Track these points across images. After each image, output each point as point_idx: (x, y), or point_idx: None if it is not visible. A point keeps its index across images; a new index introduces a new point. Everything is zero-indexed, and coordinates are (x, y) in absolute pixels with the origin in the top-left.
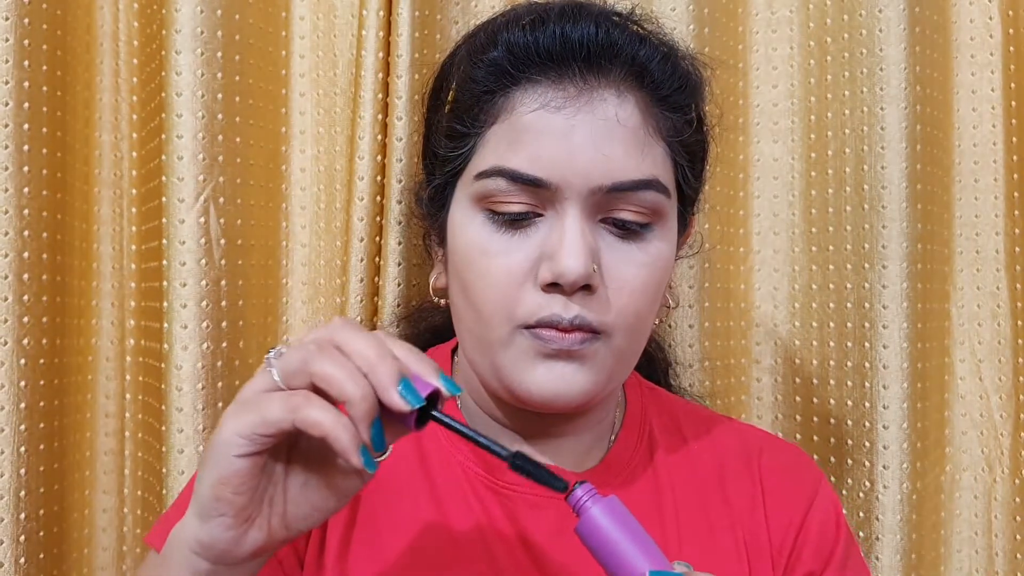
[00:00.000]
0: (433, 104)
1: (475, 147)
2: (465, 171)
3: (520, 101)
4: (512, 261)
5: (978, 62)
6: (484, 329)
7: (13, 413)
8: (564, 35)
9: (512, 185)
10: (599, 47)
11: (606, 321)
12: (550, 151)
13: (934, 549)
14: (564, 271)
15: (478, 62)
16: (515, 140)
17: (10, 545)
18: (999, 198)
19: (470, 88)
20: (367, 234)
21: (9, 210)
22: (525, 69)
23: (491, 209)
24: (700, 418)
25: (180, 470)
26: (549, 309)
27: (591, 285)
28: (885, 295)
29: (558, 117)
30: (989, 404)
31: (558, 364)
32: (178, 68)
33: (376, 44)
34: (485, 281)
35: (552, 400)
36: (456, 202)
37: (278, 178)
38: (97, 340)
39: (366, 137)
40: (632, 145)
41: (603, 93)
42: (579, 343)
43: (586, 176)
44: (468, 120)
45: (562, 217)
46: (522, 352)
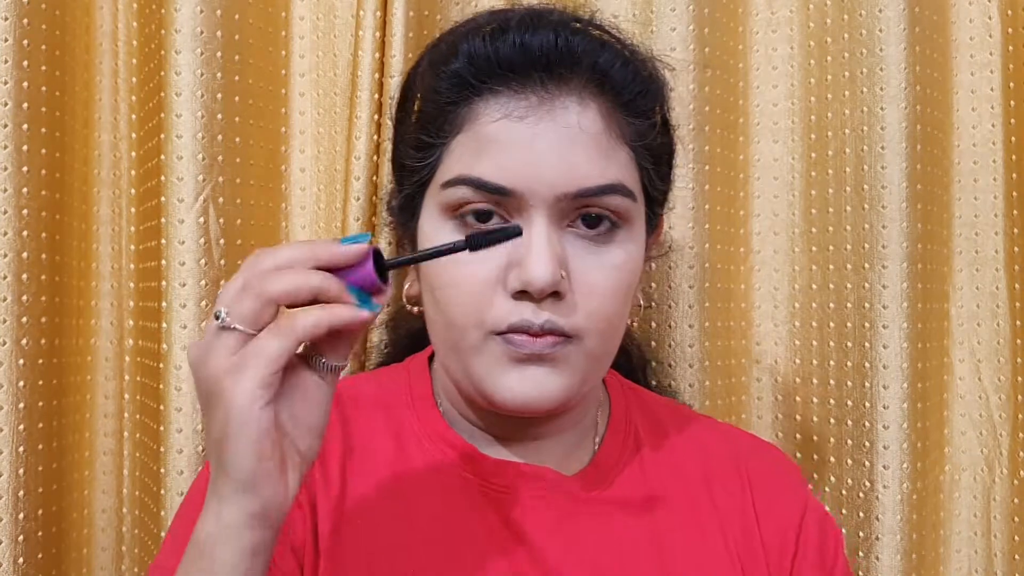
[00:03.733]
0: (400, 115)
1: (441, 157)
2: (432, 181)
3: (483, 111)
4: (481, 269)
5: (977, 62)
6: (456, 336)
7: (12, 413)
8: (524, 44)
9: (477, 194)
10: (559, 55)
11: (577, 325)
12: (514, 160)
13: (934, 549)
14: (532, 279)
15: (440, 73)
16: (479, 149)
17: (9, 545)
18: (998, 198)
19: (433, 99)
20: None
21: (8, 210)
22: (486, 79)
23: (459, 218)
24: (682, 418)
25: (179, 470)
26: (519, 315)
27: (559, 291)
28: (885, 295)
29: (521, 126)
30: (988, 404)
31: (530, 368)
32: (178, 68)
33: (372, 44)
34: (455, 289)
35: (526, 405)
36: (425, 211)
37: (278, 178)
38: (96, 340)
39: (362, 137)
40: (595, 151)
41: (565, 101)
42: (550, 346)
43: (551, 184)
44: (433, 130)
45: (528, 225)
46: (495, 358)
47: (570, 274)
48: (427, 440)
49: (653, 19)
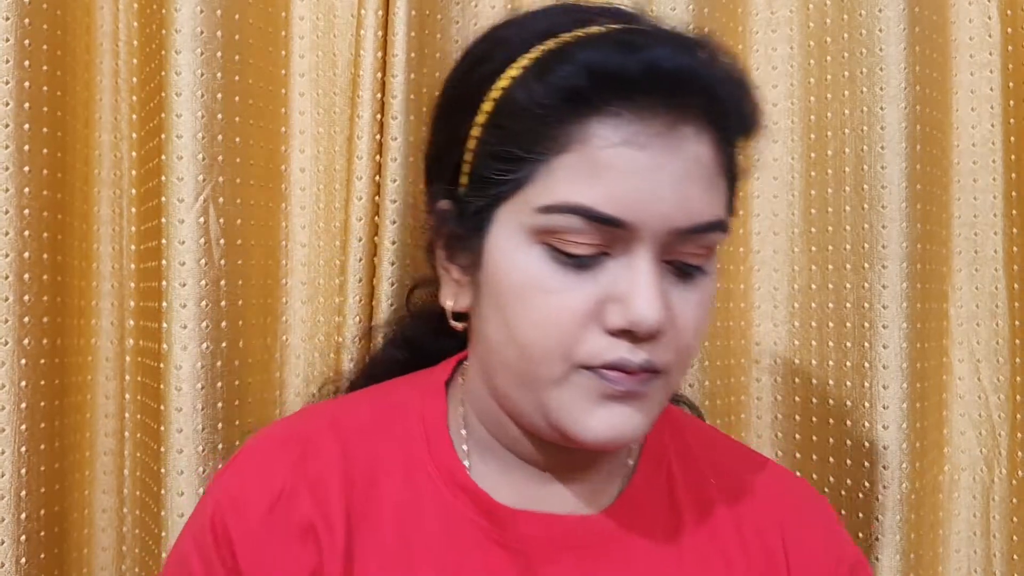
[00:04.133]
0: (459, 109)
1: (533, 175)
2: (516, 197)
3: (597, 133)
4: (573, 301)
5: (977, 62)
6: (531, 366)
7: (14, 413)
8: (655, 64)
9: (587, 224)
10: (688, 80)
11: (667, 361)
12: (632, 191)
13: (932, 549)
14: (641, 320)
15: (546, 81)
16: (593, 175)
17: (11, 545)
18: (998, 198)
19: (530, 109)
20: (365, 234)
21: (10, 210)
22: (609, 98)
23: (554, 246)
24: (711, 443)
25: (179, 470)
26: (616, 353)
27: (661, 331)
28: (885, 295)
29: (642, 155)
30: (987, 404)
31: (618, 406)
32: (178, 68)
33: (374, 43)
34: (540, 318)
35: (610, 441)
36: (502, 228)
37: (278, 178)
38: (97, 340)
39: (364, 136)
40: (706, 185)
41: (684, 130)
42: (642, 383)
43: (666, 218)
44: (527, 144)
45: (634, 259)
46: (581, 391)
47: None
48: (441, 482)
49: (652, 17)
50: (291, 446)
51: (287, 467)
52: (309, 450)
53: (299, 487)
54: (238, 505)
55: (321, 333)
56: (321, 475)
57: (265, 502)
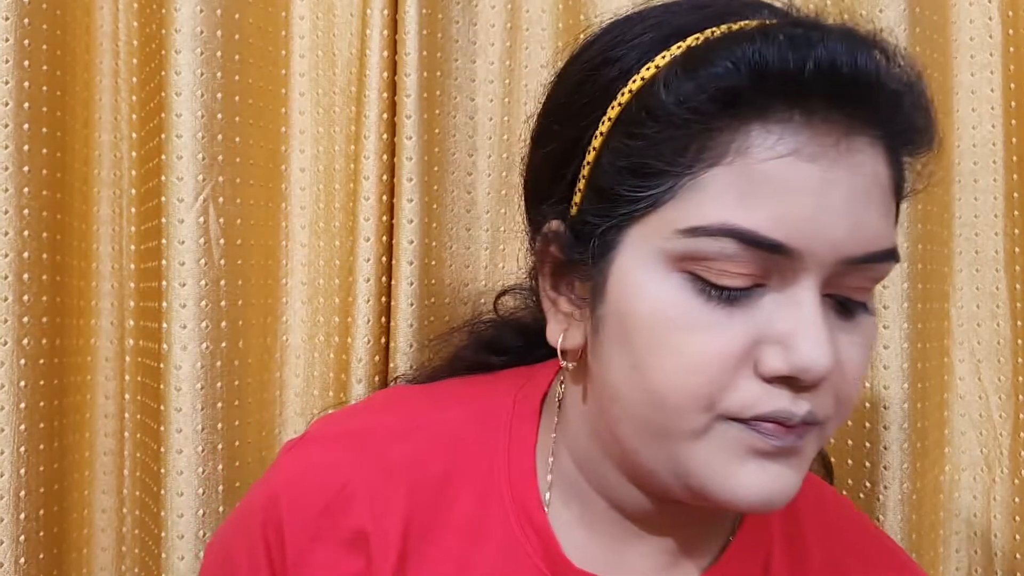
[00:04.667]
0: (578, 111)
1: (678, 190)
2: (652, 216)
3: (760, 142)
4: (722, 341)
5: (978, 62)
6: (666, 417)
7: (13, 413)
8: (834, 62)
9: (743, 250)
10: (868, 82)
11: (829, 413)
12: (800, 211)
13: (933, 549)
14: (809, 366)
15: (697, 79)
16: (752, 192)
17: (10, 545)
18: (998, 198)
19: (676, 112)
20: (374, 234)
21: (9, 210)
22: (775, 100)
23: (699, 275)
24: (823, 515)
25: (179, 470)
26: (773, 404)
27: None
28: (886, 295)
29: (813, 169)
30: (988, 404)
31: (772, 463)
32: (178, 68)
33: (381, 43)
34: (680, 361)
35: (763, 506)
36: (633, 253)
37: (278, 178)
38: (96, 340)
39: (371, 136)
40: (882, 208)
41: (859, 142)
42: (799, 438)
43: (837, 245)
44: (669, 154)
45: (796, 292)
46: (727, 445)
47: None
48: (513, 516)
49: None
50: (363, 442)
51: (353, 466)
52: (379, 450)
53: (359, 490)
54: (296, 496)
55: (321, 333)
56: (386, 481)
57: (323, 499)
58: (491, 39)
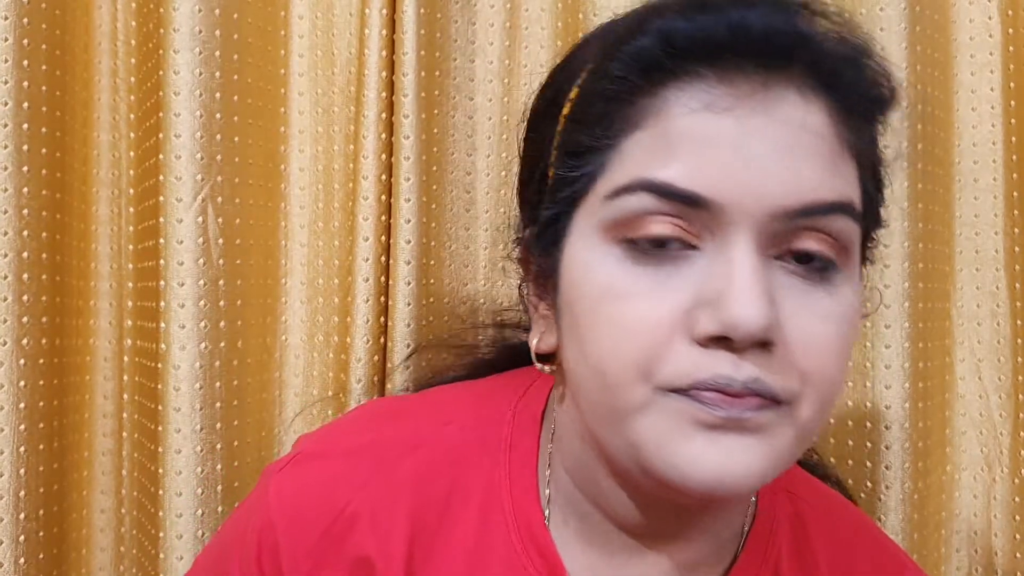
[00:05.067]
0: (542, 118)
1: (605, 162)
2: (590, 194)
3: (675, 101)
4: (655, 307)
5: (978, 62)
6: (611, 397)
7: (12, 413)
8: (742, 23)
9: (661, 203)
10: (783, 37)
11: (791, 388)
12: (716, 162)
13: (936, 549)
14: (738, 320)
15: (617, 54)
16: (667, 148)
17: (10, 545)
18: (998, 198)
19: (602, 88)
20: (373, 234)
21: (8, 210)
22: (685, 61)
23: (629, 239)
24: (831, 522)
25: (177, 470)
26: (712, 369)
27: (769, 340)
28: (887, 295)
29: (727, 120)
30: (988, 404)
31: (726, 436)
32: (176, 67)
33: (379, 42)
34: (615, 332)
35: (716, 484)
36: (576, 235)
37: (277, 177)
38: (95, 340)
39: (370, 136)
40: (824, 158)
41: (783, 92)
42: (753, 409)
43: (765, 196)
44: (598, 129)
45: (728, 249)
46: (672, 419)
47: (780, 321)
48: (516, 535)
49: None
50: (364, 459)
51: (354, 486)
52: (382, 468)
53: (362, 512)
54: (294, 521)
55: (320, 333)
56: (390, 501)
57: (323, 523)
58: (490, 39)
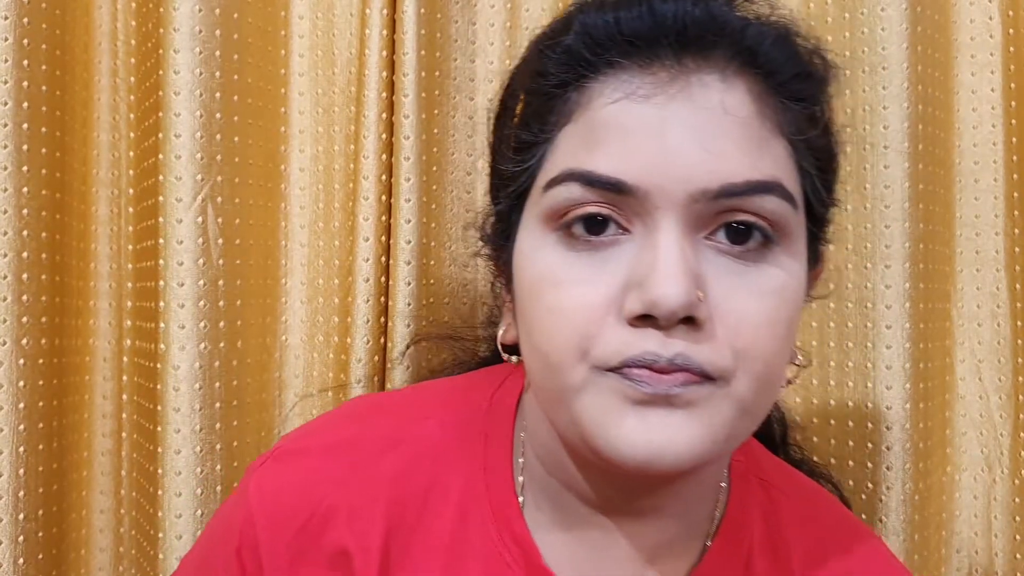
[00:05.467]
0: (498, 119)
1: (544, 156)
2: (533, 188)
3: (598, 92)
4: (589, 291)
5: (978, 62)
6: (555, 377)
7: (12, 413)
8: (654, 11)
9: (589, 192)
10: (697, 24)
11: (721, 365)
12: (638, 149)
13: (937, 550)
14: (658, 298)
15: (548, 53)
16: (592, 138)
17: (9, 546)
18: (999, 198)
19: (539, 86)
20: (373, 234)
21: (8, 210)
22: (604, 52)
23: (566, 229)
24: (814, 527)
25: (177, 471)
26: (640, 346)
27: (695, 317)
28: (888, 295)
29: (646, 107)
30: (988, 404)
31: (656, 412)
32: (176, 67)
33: (380, 42)
34: (553, 316)
35: (649, 458)
36: (524, 227)
37: (277, 178)
38: (95, 340)
39: (370, 136)
40: (744, 140)
41: (704, 77)
42: (680, 385)
43: (686, 179)
44: (536, 125)
45: (653, 232)
46: (605, 398)
47: (710, 299)
48: (494, 527)
49: None
50: (342, 455)
51: (333, 481)
52: (361, 464)
53: (339, 507)
54: (273, 516)
55: (320, 333)
56: (368, 497)
57: (301, 518)
58: (490, 39)
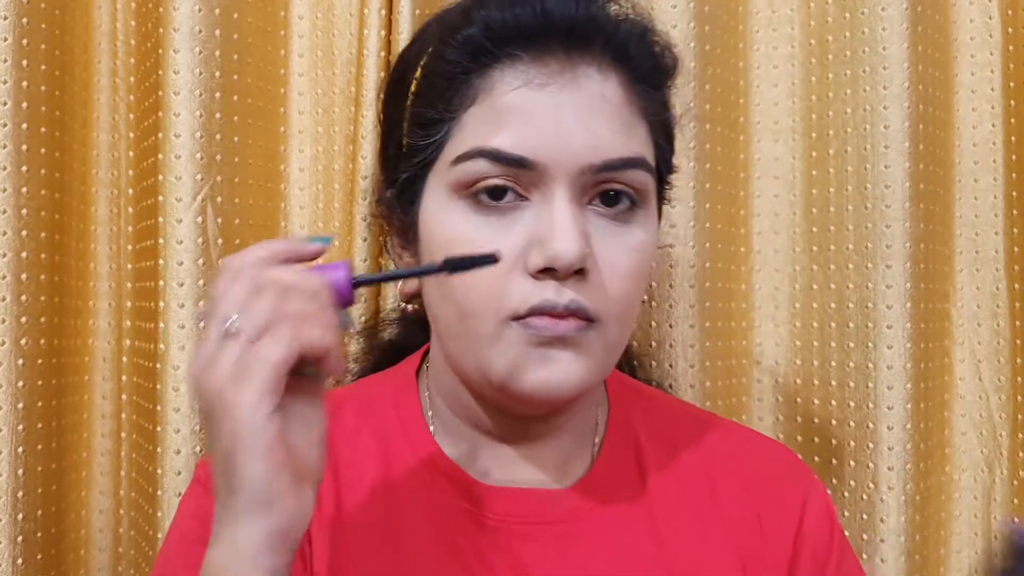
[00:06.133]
0: (394, 95)
1: (449, 132)
2: (439, 160)
3: (500, 80)
4: (498, 248)
5: (978, 62)
6: (469, 326)
7: (11, 413)
8: (545, 10)
9: (495, 166)
10: (580, 23)
11: (599, 308)
12: (536, 130)
13: (936, 551)
14: (558, 253)
15: (450, 41)
16: (497, 120)
17: (8, 546)
18: (998, 198)
19: (442, 70)
20: (371, 234)
21: (7, 210)
22: (504, 45)
23: (474, 194)
24: (685, 418)
25: (176, 471)
26: (541, 295)
27: (585, 269)
28: (889, 295)
29: (542, 95)
30: (988, 404)
31: (553, 352)
32: (176, 67)
33: (378, 43)
34: (470, 276)
35: (548, 393)
36: (430, 194)
37: (276, 178)
38: (94, 340)
39: (368, 136)
40: (618, 123)
41: (586, 70)
42: (574, 330)
43: (574, 155)
44: (440, 105)
45: (550, 200)
46: (513, 345)
47: (593, 253)
48: (417, 465)
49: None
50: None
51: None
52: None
53: None
54: None
55: None
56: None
57: None
58: None
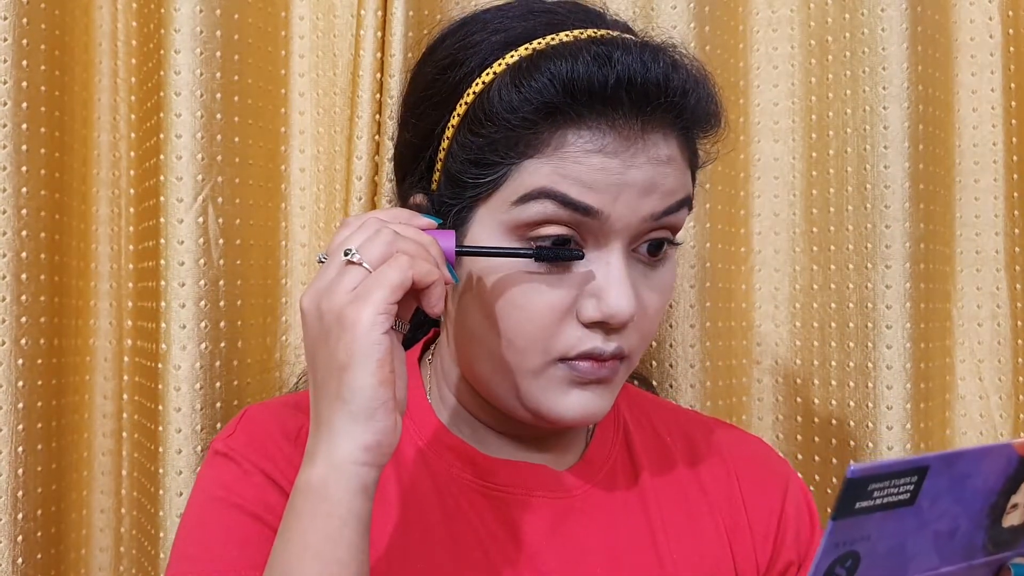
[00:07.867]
0: (431, 110)
1: (509, 175)
2: (494, 196)
3: (572, 141)
4: (554, 297)
5: (978, 62)
6: (514, 357)
7: (11, 413)
8: (629, 78)
9: (561, 210)
10: (657, 91)
11: (633, 347)
12: (604, 185)
13: None
14: (615, 312)
15: (521, 92)
16: (565, 172)
17: (8, 545)
18: (999, 198)
19: (508, 117)
20: None
21: (7, 210)
22: (582, 110)
23: (531, 238)
24: (666, 410)
25: (178, 470)
26: (590, 343)
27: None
28: (889, 295)
29: (615, 160)
30: (988, 404)
31: (588, 389)
32: (177, 67)
33: (374, 44)
34: (523, 314)
35: (579, 422)
36: (482, 227)
37: (277, 178)
38: (95, 340)
39: (364, 137)
40: (675, 176)
41: (653, 136)
42: (611, 371)
43: (636, 210)
44: (503, 149)
45: (607, 253)
46: (555, 381)
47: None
48: (428, 448)
49: (654, 16)
50: (304, 403)
51: (304, 412)
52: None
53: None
54: (245, 441)
55: None
56: None
57: (280, 436)
58: None
